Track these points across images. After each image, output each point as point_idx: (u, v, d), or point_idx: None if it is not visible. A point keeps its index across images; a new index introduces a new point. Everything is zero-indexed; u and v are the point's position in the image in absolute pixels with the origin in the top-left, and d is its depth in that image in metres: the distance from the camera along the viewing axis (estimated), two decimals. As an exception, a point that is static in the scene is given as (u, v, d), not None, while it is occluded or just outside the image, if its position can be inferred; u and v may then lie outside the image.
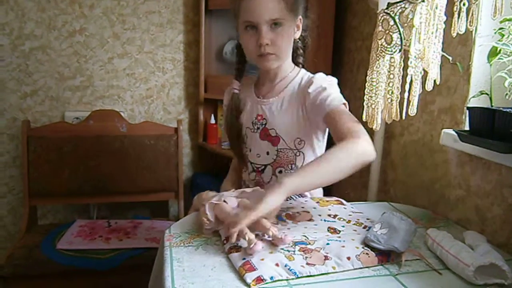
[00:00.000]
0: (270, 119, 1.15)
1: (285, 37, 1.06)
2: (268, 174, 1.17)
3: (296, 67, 1.18)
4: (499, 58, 0.98)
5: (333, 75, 1.15)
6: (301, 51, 1.18)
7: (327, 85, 1.06)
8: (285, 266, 0.80)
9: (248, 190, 1.05)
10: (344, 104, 1.04)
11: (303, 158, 1.15)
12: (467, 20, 0.79)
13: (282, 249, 0.85)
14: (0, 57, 1.99)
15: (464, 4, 0.77)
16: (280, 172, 1.16)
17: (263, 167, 1.18)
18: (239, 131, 1.20)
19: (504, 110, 0.91)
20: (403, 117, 0.96)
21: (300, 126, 1.12)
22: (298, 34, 1.12)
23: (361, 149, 0.91)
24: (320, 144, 1.16)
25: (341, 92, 1.10)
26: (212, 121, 2.17)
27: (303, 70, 1.17)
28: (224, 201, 0.96)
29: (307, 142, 1.14)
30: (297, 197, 1.16)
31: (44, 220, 2.17)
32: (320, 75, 1.11)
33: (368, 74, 1.02)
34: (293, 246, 0.87)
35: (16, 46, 2.01)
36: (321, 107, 1.04)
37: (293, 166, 1.15)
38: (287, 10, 1.03)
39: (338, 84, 1.11)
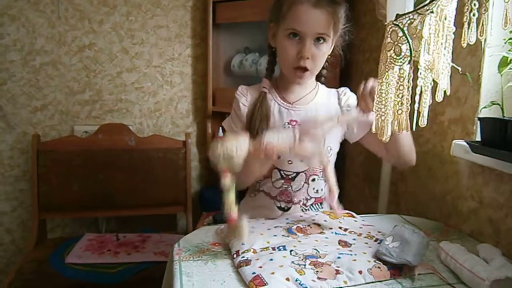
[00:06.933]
0: None
1: (325, 54, 1.07)
2: (300, 182, 1.13)
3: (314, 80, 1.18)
4: (510, 68, 0.97)
5: (341, 87, 1.16)
6: (325, 70, 1.19)
7: None
8: (296, 280, 0.79)
9: None
10: None
11: (331, 166, 1.13)
12: (477, 30, 0.78)
13: (293, 262, 0.84)
14: (11, 73, 2.02)
15: (474, 15, 0.77)
16: (313, 180, 1.14)
17: (294, 174, 1.13)
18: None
19: (516, 120, 0.90)
20: (413, 128, 0.95)
21: (331, 135, 1.13)
22: (330, 51, 1.12)
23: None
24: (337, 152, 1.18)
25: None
26: (221, 134, 2.17)
27: (319, 83, 1.19)
28: None
29: (334, 150, 1.16)
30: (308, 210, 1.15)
31: (53, 234, 2.17)
32: (348, 90, 1.16)
33: (377, 85, 1.02)
34: (304, 260, 0.86)
35: (27, 62, 2.03)
36: (364, 126, 1.10)
37: (323, 174, 1.13)
38: (332, 28, 1.04)
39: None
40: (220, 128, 2.15)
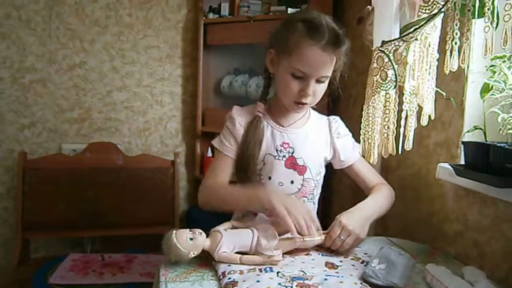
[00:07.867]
0: (298, 148, 1.14)
1: (324, 88, 1.10)
2: None
3: None
4: (491, 94, 1.00)
5: (329, 109, 1.19)
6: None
7: (348, 133, 1.22)
8: (283, 302, 0.78)
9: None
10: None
11: (318, 189, 1.20)
12: (459, 58, 0.81)
13: (280, 284, 0.84)
14: (0, 90, 2.01)
15: (456, 43, 0.80)
16: (303, 202, 1.16)
17: None
18: (257, 156, 1.14)
19: (498, 144, 0.92)
20: (399, 152, 0.97)
21: (321, 159, 1.19)
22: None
23: (392, 194, 1.21)
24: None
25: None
26: (209, 154, 2.17)
27: (310, 109, 1.21)
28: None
29: (322, 173, 1.20)
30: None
31: (37, 254, 2.12)
32: (339, 118, 1.23)
33: (364, 109, 1.04)
34: (291, 282, 0.85)
35: (16, 79, 2.03)
36: (351, 156, 1.20)
37: (312, 196, 1.18)
38: (332, 67, 1.07)
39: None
40: (209, 148, 2.17)
